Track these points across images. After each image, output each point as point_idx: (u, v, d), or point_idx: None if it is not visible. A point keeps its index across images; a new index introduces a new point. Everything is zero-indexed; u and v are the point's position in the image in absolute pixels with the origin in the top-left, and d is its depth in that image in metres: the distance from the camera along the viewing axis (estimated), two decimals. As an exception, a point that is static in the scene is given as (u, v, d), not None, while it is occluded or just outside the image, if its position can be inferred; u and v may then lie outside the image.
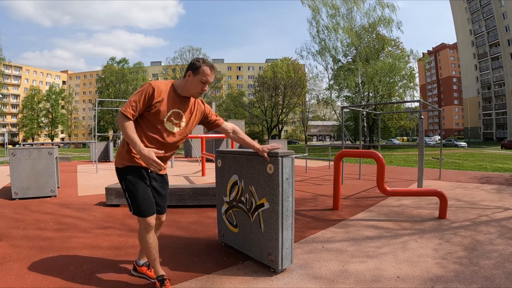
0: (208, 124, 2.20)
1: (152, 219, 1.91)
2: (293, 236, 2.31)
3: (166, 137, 1.92)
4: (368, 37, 26.74)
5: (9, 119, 65.58)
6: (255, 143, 2.24)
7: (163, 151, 1.88)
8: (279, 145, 2.21)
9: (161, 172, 2.03)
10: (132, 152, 1.87)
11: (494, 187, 5.91)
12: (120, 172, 1.93)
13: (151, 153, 1.76)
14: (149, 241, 1.92)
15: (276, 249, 2.18)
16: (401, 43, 30.25)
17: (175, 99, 1.92)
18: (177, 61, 53.38)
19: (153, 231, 1.94)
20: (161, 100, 1.85)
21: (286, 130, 66.66)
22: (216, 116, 2.22)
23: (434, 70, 77.48)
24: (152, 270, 2.11)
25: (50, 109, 60.54)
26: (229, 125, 2.28)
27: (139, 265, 2.17)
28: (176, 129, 1.95)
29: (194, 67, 1.88)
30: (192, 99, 2.02)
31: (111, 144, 13.69)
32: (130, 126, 1.78)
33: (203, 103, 2.13)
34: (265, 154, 2.17)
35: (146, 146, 1.84)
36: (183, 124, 1.99)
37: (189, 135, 8.88)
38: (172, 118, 1.91)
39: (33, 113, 58.93)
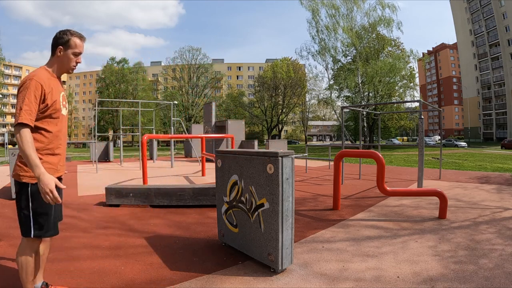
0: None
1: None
2: (293, 236, 2.31)
3: (63, 126, 1.78)
4: (368, 37, 26.75)
5: (9, 119, 65.60)
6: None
7: (62, 170, 1.79)
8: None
9: (59, 174, 1.79)
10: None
11: (494, 187, 5.91)
12: (22, 186, 1.63)
13: (52, 182, 1.50)
14: (32, 262, 1.72)
15: (276, 249, 2.18)
16: (401, 43, 30.27)
17: (57, 82, 1.76)
18: (177, 61, 53.44)
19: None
20: (51, 88, 1.66)
21: (286, 130, 66.65)
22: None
23: (434, 70, 77.47)
24: None
25: (50, 109, 60.46)
26: None
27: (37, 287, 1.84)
28: (66, 112, 1.82)
29: (63, 41, 1.69)
30: None
31: (111, 144, 13.69)
32: (29, 138, 1.51)
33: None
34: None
35: (50, 149, 1.67)
36: (67, 105, 1.85)
37: (189, 136, 8.94)
38: (64, 103, 1.78)
39: (33, 113, 58.86)
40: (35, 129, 1.60)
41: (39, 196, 1.54)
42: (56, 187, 1.54)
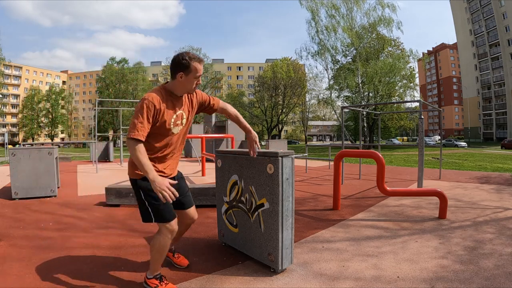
0: (207, 109, 2.20)
1: (175, 224, 1.94)
2: (293, 236, 2.31)
3: (175, 141, 1.98)
4: (368, 37, 26.75)
5: (9, 119, 65.60)
6: (250, 129, 2.27)
7: (171, 173, 2.01)
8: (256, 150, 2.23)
9: (173, 174, 2.07)
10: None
11: (494, 187, 5.91)
12: (136, 183, 1.91)
13: (165, 181, 1.73)
14: (166, 248, 1.94)
15: (276, 249, 2.19)
16: (401, 43, 30.27)
17: (173, 102, 1.91)
18: (177, 61, 53.36)
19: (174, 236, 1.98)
20: (163, 110, 1.83)
21: (286, 130, 66.67)
22: (211, 97, 2.18)
23: (434, 70, 77.50)
24: (178, 258, 2.36)
25: (50, 109, 60.56)
26: (226, 104, 2.29)
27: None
28: (179, 129, 1.98)
29: (184, 67, 1.81)
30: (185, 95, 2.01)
31: (111, 144, 13.69)
32: (142, 150, 1.74)
33: (195, 92, 2.06)
34: (252, 152, 2.21)
35: (157, 158, 1.91)
36: (184, 121, 2.00)
37: (189, 135, 8.93)
38: (177, 122, 1.94)
39: (33, 113, 58.96)
40: (146, 141, 1.81)
41: (148, 189, 1.80)
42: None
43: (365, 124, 27.29)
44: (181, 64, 1.80)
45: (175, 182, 1.93)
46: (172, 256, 2.36)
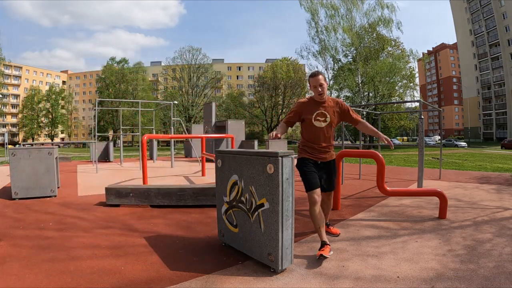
0: (347, 120, 2.93)
1: (315, 194, 2.52)
2: (293, 236, 2.31)
3: (316, 132, 2.74)
4: (368, 37, 26.75)
5: (9, 119, 65.59)
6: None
7: (320, 144, 2.76)
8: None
9: (327, 160, 2.78)
10: (302, 148, 2.82)
11: (494, 187, 5.91)
12: (297, 162, 2.72)
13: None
14: (314, 213, 2.51)
15: (276, 249, 2.19)
16: (401, 43, 30.25)
17: (313, 105, 2.75)
18: (177, 61, 53.38)
19: (318, 205, 2.53)
20: (304, 110, 2.75)
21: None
22: (353, 112, 2.89)
23: (434, 70, 77.49)
24: (332, 228, 3.14)
25: (50, 109, 60.53)
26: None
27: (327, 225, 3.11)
28: (323, 124, 2.72)
29: (308, 82, 2.81)
30: (328, 102, 2.77)
31: (111, 144, 13.69)
32: (282, 125, 2.79)
33: (340, 104, 2.84)
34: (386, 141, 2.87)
35: (309, 142, 2.78)
36: (328, 119, 2.72)
37: (189, 135, 8.94)
38: (318, 118, 2.71)
39: (33, 113, 58.93)
40: (302, 130, 2.85)
41: (300, 167, 2.72)
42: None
43: (365, 124, 27.21)
44: (308, 81, 2.87)
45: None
46: (327, 227, 3.11)
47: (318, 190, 2.57)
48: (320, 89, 2.65)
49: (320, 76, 2.68)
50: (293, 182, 2.25)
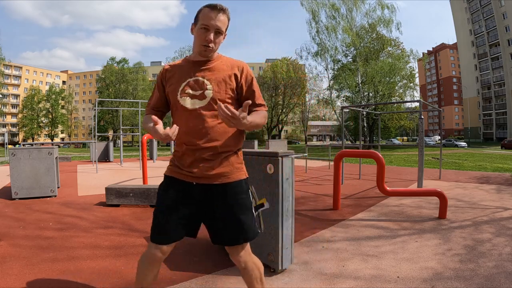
0: (242, 99, 1.46)
1: (154, 249, 1.44)
2: (293, 236, 2.31)
3: (193, 120, 1.37)
4: (368, 37, 26.76)
5: (9, 119, 65.57)
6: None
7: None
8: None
9: (212, 181, 1.41)
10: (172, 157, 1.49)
11: (493, 187, 5.91)
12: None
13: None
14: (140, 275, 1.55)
15: (276, 249, 2.19)
16: (401, 43, 30.25)
17: (187, 68, 1.43)
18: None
19: (152, 266, 1.53)
20: (171, 76, 1.45)
21: (286, 130, 66.65)
22: (258, 91, 1.51)
23: (434, 70, 77.50)
24: None
25: (50, 109, 60.54)
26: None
27: None
28: (199, 103, 1.37)
29: (195, 17, 1.40)
30: (219, 63, 1.45)
31: (111, 144, 13.69)
32: (147, 118, 1.43)
33: (242, 69, 1.48)
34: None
35: (177, 142, 1.43)
36: (209, 93, 1.38)
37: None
38: (187, 90, 1.39)
39: (33, 113, 58.93)
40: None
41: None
42: None
43: (365, 124, 27.27)
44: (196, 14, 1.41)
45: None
46: None
47: (163, 247, 1.43)
48: (211, 37, 1.35)
49: (222, 15, 1.38)
50: (293, 182, 2.25)
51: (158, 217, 1.42)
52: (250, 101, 1.19)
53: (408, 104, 50.51)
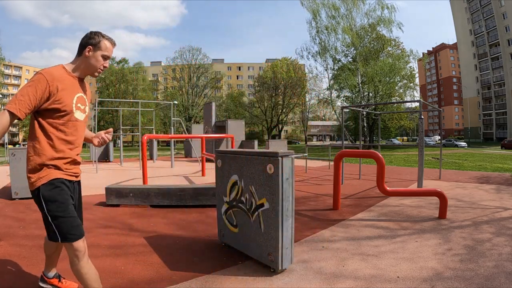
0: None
1: (81, 242, 1.68)
2: (293, 236, 2.32)
3: (80, 130, 1.71)
4: (368, 37, 26.76)
5: (9, 119, 65.48)
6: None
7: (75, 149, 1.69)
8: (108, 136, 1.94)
9: (77, 179, 1.78)
10: (48, 158, 1.58)
11: (493, 187, 5.92)
12: (37, 193, 1.61)
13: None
14: (82, 271, 1.65)
15: (276, 249, 2.19)
16: (401, 43, 30.25)
17: (75, 83, 1.67)
18: (177, 61, 53.44)
19: (86, 256, 1.69)
20: (62, 88, 1.57)
21: (286, 130, 66.64)
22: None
23: (434, 70, 77.48)
24: (64, 282, 2.00)
25: (50, 109, 60.50)
26: None
27: (49, 277, 1.98)
28: (83, 116, 1.73)
29: (94, 42, 1.65)
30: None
31: (111, 144, 13.70)
32: (4, 122, 1.46)
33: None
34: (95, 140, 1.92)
35: (53, 148, 1.59)
36: (87, 109, 1.76)
37: (189, 136, 8.91)
38: (79, 105, 1.68)
39: (33, 113, 58.88)
40: (40, 128, 1.57)
41: (51, 197, 1.61)
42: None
43: (365, 124, 27.27)
44: (91, 39, 1.65)
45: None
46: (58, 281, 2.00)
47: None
48: (107, 65, 1.75)
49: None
50: (293, 182, 2.25)
51: (72, 214, 1.68)
52: None
53: (408, 104, 50.51)
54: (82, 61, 1.68)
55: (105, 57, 1.71)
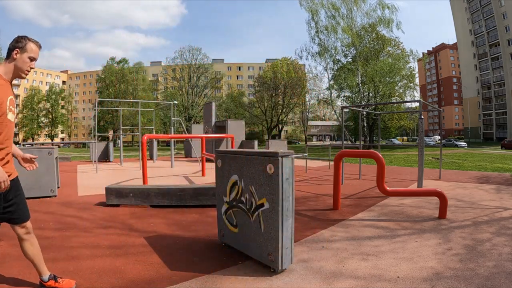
0: None
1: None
2: (293, 236, 2.31)
3: (12, 131, 1.83)
4: (368, 37, 26.76)
5: (9, 119, 65.44)
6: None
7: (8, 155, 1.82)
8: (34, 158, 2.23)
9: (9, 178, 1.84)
10: None
11: (493, 187, 5.92)
12: None
13: (4, 172, 1.69)
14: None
15: (276, 249, 2.19)
16: (401, 43, 30.24)
17: (6, 85, 1.78)
18: (177, 61, 53.43)
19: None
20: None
21: (286, 130, 66.64)
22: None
23: (434, 70, 77.46)
24: (61, 281, 2.06)
25: (50, 109, 60.51)
26: None
27: (45, 280, 2.04)
28: (13, 117, 1.83)
29: (20, 45, 1.78)
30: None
31: (111, 144, 13.70)
32: None
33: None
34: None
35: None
36: (16, 110, 1.88)
37: (189, 136, 8.90)
38: (11, 107, 1.79)
39: (33, 113, 58.88)
40: None
41: None
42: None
43: (365, 124, 27.27)
44: (18, 42, 1.79)
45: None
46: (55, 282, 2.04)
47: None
48: (33, 66, 1.87)
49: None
50: (293, 182, 2.25)
51: None
52: None
53: (408, 104, 50.50)
54: (11, 64, 1.80)
55: (32, 59, 1.83)
